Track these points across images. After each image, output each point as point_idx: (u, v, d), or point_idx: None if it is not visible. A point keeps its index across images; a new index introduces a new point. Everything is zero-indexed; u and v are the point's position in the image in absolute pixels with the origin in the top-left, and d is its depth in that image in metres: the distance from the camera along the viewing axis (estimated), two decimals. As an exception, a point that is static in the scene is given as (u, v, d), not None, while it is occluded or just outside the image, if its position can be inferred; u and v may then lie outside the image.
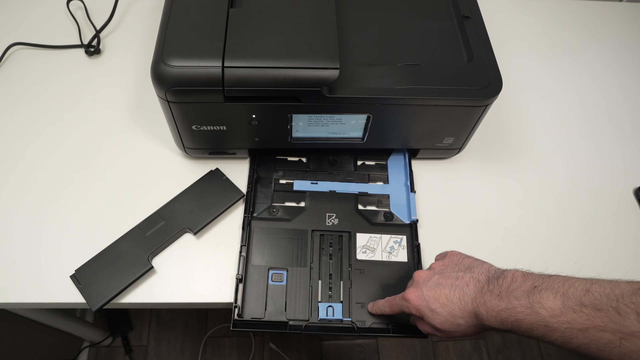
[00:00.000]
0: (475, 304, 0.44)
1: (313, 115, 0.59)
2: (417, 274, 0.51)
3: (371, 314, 0.59)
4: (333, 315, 0.58)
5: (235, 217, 0.65)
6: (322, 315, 0.58)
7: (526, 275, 0.43)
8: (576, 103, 0.81)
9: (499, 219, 0.68)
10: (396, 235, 0.64)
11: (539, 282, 0.41)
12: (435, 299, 0.47)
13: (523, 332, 0.41)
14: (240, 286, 0.59)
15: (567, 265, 0.65)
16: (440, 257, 0.55)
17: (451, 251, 0.53)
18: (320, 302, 0.59)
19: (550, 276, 0.42)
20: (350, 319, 0.59)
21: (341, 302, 0.60)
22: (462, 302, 0.45)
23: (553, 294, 0.40)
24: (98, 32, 0.79)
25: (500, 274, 0.45)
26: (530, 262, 0.64)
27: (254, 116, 0.57)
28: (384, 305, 0.55)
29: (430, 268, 0.52)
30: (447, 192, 0.70)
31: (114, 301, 0.57)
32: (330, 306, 0.59)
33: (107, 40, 0.80)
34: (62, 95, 0.74)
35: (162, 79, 0.51)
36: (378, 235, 0.64)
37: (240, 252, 0.61)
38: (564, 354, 1.36)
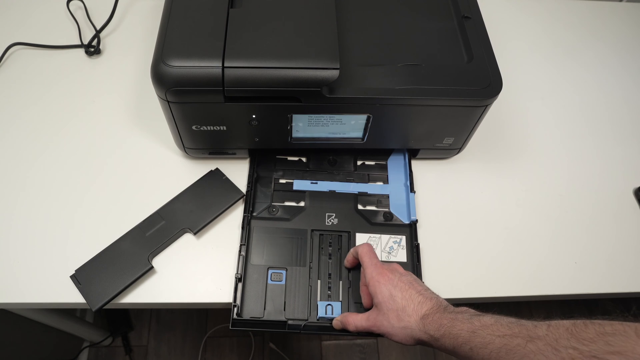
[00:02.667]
0: (428, 312, 0.49)
1: (313, 116, 0.59)
2: (398, 266, 0.56)
3: None
4: (332, 314, 0.58)
5: (235, 216, 0.65)
6: (321, 313, 0.58)
7: (476, 311, 0.49)
8: (576, 103, 0.81)
9: (499, 219, 0.68)
10: (395, 235, 0.64)
11: (484, 314, 0.47)
12: (401, 290, 0.51)
13: (451, 338, 0.46)
14: (240, 285, 0.59)
15: (567, 265, 0.65)
16: (383, 266, 0.56)
17: (395, 263, 0.57)
18: (319, 300, 0.59)
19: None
20: None
21: (340, 300, 0.60)
22: (419, 306, 0.50)
23: (490, 316, 0.46)
24: (98, 32, 0.79)
25: (457, 307, 0.50)
26: (530, 261, 0.65)
27: (254, 116, 0.57)
28: (362, 248, 0.57)
29: (392, 269, 0.54)
30: (447, 192, 0.70)
31: (114, 301, 0.57)
32: (329, 304, 0.59)
33: (107, 40, 0.80)
34: (62, 95, 0.74)
35: (162, 79, 0.51)
36: (377, 235, 0.64)
37: (240, 251, 0.61)
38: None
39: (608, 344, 0.35)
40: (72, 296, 0.57)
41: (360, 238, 0.64)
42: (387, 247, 0.64)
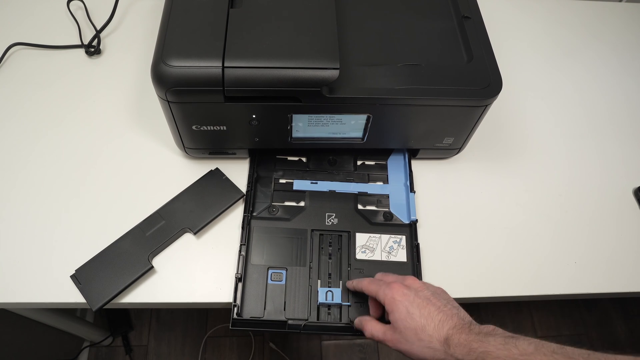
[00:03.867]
0: (452, 331, 0.46)
1: (313, 116, 0.59)
2: (413, 280, 0.53)
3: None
4: (332, 300, 0.59)
5: (235, 216, 0.65)
6: (321, 299, 0.59)
7: (505, 332, 0.45)
8: (576, 103, 0.81)
9: (499, 219, 0.68)
10: (395, 235, 0.64)
11: (517, 335, 0.44)
12: (419, 307, 0.48)
13: None
14: (240, 285, 0.59)
15: (567, 265, 0.65)
16: (394, 277, 0.55)
17: (411, 277, 0.54)
18: (319, 287, 0.60)
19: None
20: (348, 304, 0.59)
21: (340, 287, 0.60)
22: (440, 324, 0.47)
23: (528, 342, 0.42)
24: (98, 32, 0.79)
25: (481, 325, 0.47)
26: (530, 261, 0.65)
27: (254, 116, 0.57)
28: (364, 281, 0.56)
29: (407, 284, 0.52)
30: (447, 192, 0.70)
31: (114, 301, 0.57)
32: (329, 291, 0.59)
33: (108, 40, 0.80)
34: (62, 95, 0.74)
35: (162, 79, 0.51)
36: (377, 235, 0.64)
37: (240, 251, 0.61)
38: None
39: None
40: (72, 296, 0.57)
41: (360, 238, 0.64)
42: (387, 247, 0.64)
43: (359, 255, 0.63)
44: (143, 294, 0.59)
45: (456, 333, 0.45)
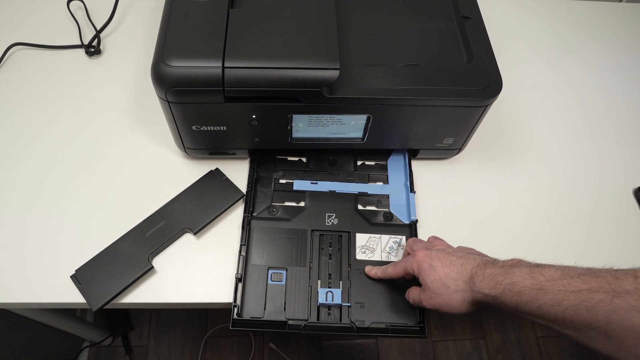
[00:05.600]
0: (475, 270, 0.47)
1: (313, 116, 0.59)
2: (435, 238, 0.55)
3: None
4: (332, 300, 0.59)
5: (235, 217, 0.65)
6: (321, 300, 0.59)
7: (530, 262, 0.45)
8: (576, 103, 0.81)
9: (499, 219, 0.68)
10: (396, 236, 0.64)
11: (542, 264, 0.44)
12: (440, 259, 0.50)
13: (512, 295, 0.42)
14: (240, 285, 0.59)
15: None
16: (421, 244, 0.57)
17: (435, 237, 0.56)
18: (320, 288, 0.60)
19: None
20: (348, 304, 0.59)
21: (340, 287, 0.60)
22: (462, 267, 0.48)
23: (554, 269, 0.42)
24: (98, 32, 0.79)
25: (506, 260, 0.47)
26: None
27: (254, 116, 0.57)
28: (387, 267, 0.57)
29: (430, 246, 0.55)
30: (447, 193, 0.70)
31: (114, 301, 0.57)
32: (329, 291, 0.59)
33: (108, 41, 0.80)
34: (62, 95, 0.74)
35: (162, 79, 0.51)
36: (377, 236, 0.64)
37: (240, 251, 0.61)
38: (563, 354, 1.36)
39: None
40: (72, 296, 0.57)
41: (360, 238, 0.64)
42: (387, 247, 0.64)
43: (359, 256, 0.63)
44: (143, 294, 0.59)
45: (480, 270, 0.46)
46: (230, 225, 0.64)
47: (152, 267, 0.59)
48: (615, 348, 0.36)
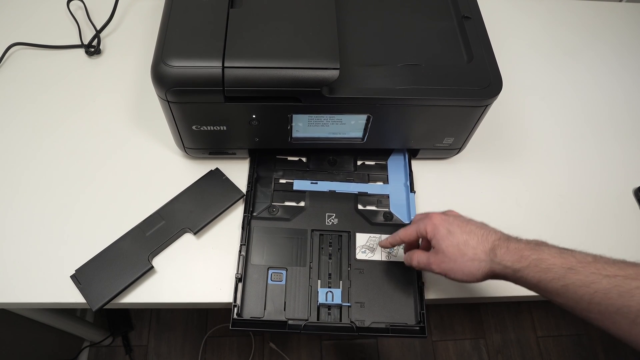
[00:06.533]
0: (498, 242, 0.45)
1: (313, 116, 0.59)
2: (451, 211, 0.53)
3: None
4: (332, 300, 0.59)
5: (235, 216, 0.65)
6: (321, 300, 0.58)
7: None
8: (576, 103, 0.81)
9: (499, 219, 0.68)
10: (396, 235, 0.64)
11: (571, 249, 0.43)
12: (459, 226, 0.48)
13: (538, 271, 0.41)
14: (240, 285, 0.59)
15: (566, 265, 0.65)
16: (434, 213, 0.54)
17: (450, 210, 0.54)
18: (320, 288, 0.60)
19: None
20: (349, 304, 0.59)
21: (340, 287, 0.60)
22: (483, 237, 0.46)
23: (586, 253, 0.41)
24: (98, 32, 0.79)
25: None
26: (530, 262, 0.65)
27: (254, 116, 0.57)
28: (399, 233, 0.55)
29: (446, 214, 0.52)
30: (447, 192, 0.70)
31: (114, 301, 0.57)
32: (329, 291, 0.59)
33: (107, 41, 0.80)
34: (62, 95, 0.74)
35: (162, 79, 0.51)
36: (377, 235, 0.64)
37: (240, 251, 0.61)
38: (563, 354, 1.36)
39: None
40: (72, 296, 0.57)
41: (360, 238, 0.64)
42: (387, 247, 0.63)
43: (359, 256, 0.63)
44: (143, 294, 0.59)
45: (503, 243, 0.45)
46: (230, 225, 0.64)
47: (152, 267, 0.59)
48: None
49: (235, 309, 0.57)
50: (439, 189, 0.70)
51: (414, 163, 0.71)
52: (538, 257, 0.42)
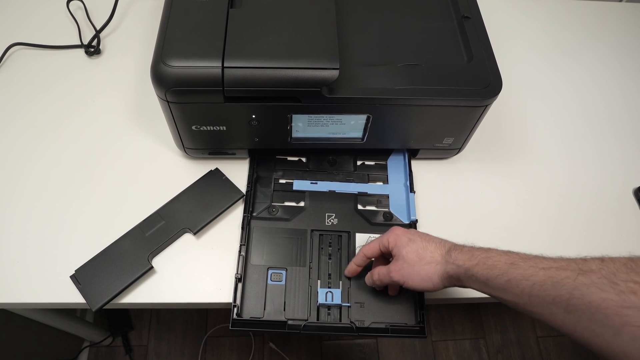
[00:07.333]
0: (453, 246, 0.49)
1: (313, 116, 0.59)
2: (411, 229, 0.57)
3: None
4: (332, 300, 0.59)
5: (235, 216, 0.65)
6: (321, 300, 0.58)
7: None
8: (576, 103, 0.81)
9: (499, 219, 0.68)
10: (396, 235, 0.64)
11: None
12: (419, 235, 0.52)
13: (485, 268, 0.45)
14: (240, 285, 0.59)
15: (566, 265, 0.65)
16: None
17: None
18: (319, 288, 0.60)
19: None
20: (348, 304, 0.59)
21: (340, 287, 0.60)
22: (441, 243, 0.51)
23: (528, 253, 0.44)
24: (98, 32, 0.79)
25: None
26: (529, 262, 0.65)
27: (253, 116, 0.57)
28: (362, 250, 0.57)
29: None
30: (447, 192, 0.70)
31: (114, 301, 0.57)
32: (329, 291, 0.59)
33: (107, 41, 0.80)
34: (62, 95, 0.74)
35: (162, 79, 0.51)
36: (377, 235, 0.64)
37: (240, 251, 0.61)
38: (563, 354, 1.36)
39: None
40: (72, 296, 0.57)
41: (360, 238, 0.64)
42: (387, 247, 0.63)
43: (359, 256, 0.63)
44: (143, 294, 0.59)
45: (458, 246, 0.49)
46: (230, 225, 0.64)
47: (152, 267, 0.59)
48: (573, 324, 0.37)
49: (235, 309, 0.57)
50: (438, 189, 0.70)
51: (414, 163, 0.71)
52: (486, 255, 0.45)
